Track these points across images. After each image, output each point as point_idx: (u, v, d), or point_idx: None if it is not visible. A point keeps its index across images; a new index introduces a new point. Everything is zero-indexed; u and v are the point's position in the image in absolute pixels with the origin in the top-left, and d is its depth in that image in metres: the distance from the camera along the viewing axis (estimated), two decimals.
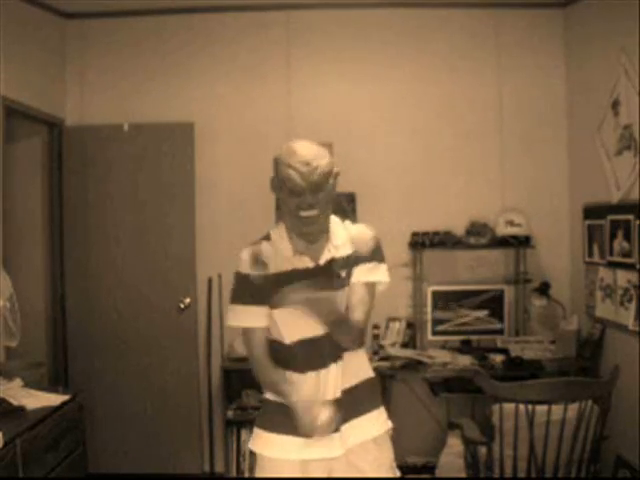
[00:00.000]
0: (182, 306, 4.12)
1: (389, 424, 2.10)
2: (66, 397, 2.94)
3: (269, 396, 2.07)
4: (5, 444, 2.33)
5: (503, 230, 4.10)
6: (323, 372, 1.99)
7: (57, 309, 4.19)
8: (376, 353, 3.95)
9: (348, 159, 4.19)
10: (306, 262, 1.99)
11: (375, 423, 2.06)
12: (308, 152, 1.90)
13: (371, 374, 2.12)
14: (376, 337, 4.09)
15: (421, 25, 4.26)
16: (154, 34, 4.29)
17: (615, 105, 3.56)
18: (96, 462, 3.94)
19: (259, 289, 1.96)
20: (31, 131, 4.10)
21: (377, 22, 4.25)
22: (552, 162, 4.25)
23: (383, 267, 2.06)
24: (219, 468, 4.20)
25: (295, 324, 1.98)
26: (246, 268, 1.99)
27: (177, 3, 4.18)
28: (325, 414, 1.90)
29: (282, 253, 2.00)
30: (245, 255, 2.01)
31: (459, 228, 4.19)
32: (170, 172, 4.16)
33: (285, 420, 1.99)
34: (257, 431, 2.08)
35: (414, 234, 4.14)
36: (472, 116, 4.25)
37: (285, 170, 1.88)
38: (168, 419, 4.15)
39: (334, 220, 2.07)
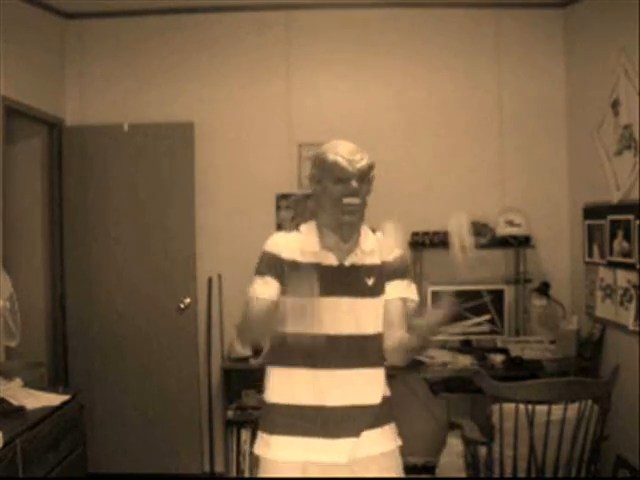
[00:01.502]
0: (182, 306, 4.12)
1: (399, 441, 2.08)
2: (66, 397, 2.94)
3: (269, 398, 2.05)
4: (5, 444, 2.33)
5: (503, 230, 4.10)
6: (324, 374, 1.97)
7: (57, 309, 4.20)
8: None
9: None
10: (331, 259, 1.99)
11: (385, 438, 2.04)
12: (353, 146, 1.99)
13: (387, 393, 2.10)
14: None
15: (421, 25, 4.26)
16: (154, 34, 4.29)
17: (615, 105, 3.56)
18: (96, 462, 3.94)
19: (280, 268, 1.96)
20: (31, 131, 4.10)
21: (377, 22, 4.25)
22: (552, 162, 4.25)
23: (414, 287, 2.09)
24: (219, 468, 4.20)
25: (301, 316, 1.95)
26: (272, 247, 2.01)
27: (177, 3, 4.18)
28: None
29: (310, 247, 2.00)
30: (276, 236, 2.06)
31: None
32: (170, 172, 4.16)
33: (287, 421, 1.98)
34: (260, 434, 2.06)
35: (414, 234, 4.14)
36: (472, 116, 4.25)
37: (332, 157, 1.94)
38: (168, 419, 4.15)
39: (365, 227, 2.08)
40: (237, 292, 2.57)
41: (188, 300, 4.13)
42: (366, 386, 2.01)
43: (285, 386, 2.02)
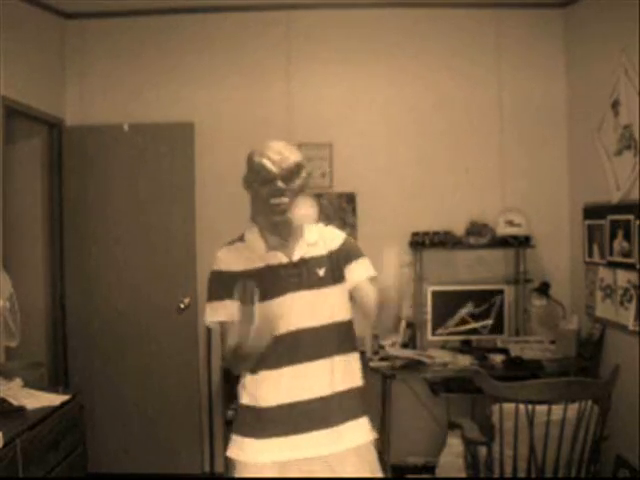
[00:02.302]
0: (182, 306, 4.10)
1: (373, 434, 2.08)
2: (66, 397, 2.94)
3: (244, 401, 2.07)
4: (5, 444, 2.33)
5: (503, 230, 4.10)
6: (288, 371, 1.98)
7: (57, 309, 4.20)
8: (376, 353, 3.94)
9: (348, 159, 4.22)
10: (279, 258, 2.02)
11: (360, 431, 2.04)
12: (280, 145, 2.00)
13: (360, 383, 2.10)
14: (376, 337, 4.09)
15: (421, 25, 4.26)
16: (154, 34, 4.29)
17: (615, 105, 3.56)
18: (96, 462, 3.93)
19: (233, 285, 1.93)
20: (31, 131, 4.10)
21: (377, 22, 4.25)
22: (552, 162, 4.25)
23: (368, 260, 2.12)
24: (219, 468, 4.20)
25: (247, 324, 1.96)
26: (222, 265, 2.04)
27: (177, 3, 4.18)
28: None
29: (256, 252, 2.03)
30: (221, 253, 2.07)
31: (459, 228, 4.19)
32: (170, 172, 4.16)
33: (260, 424, 2.00)
34: (233, 437, 2.09)
35: (414, 234, 4.14)
36: (472, 116, 4.26)
37: (258, 159, 1.97)
38: (168, 419, 4.15)
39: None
40: None
41: (188, 300, 4.12)
42: (332, 375, 2.01)
43: (253, 389, 2.04)
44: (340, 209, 4.15)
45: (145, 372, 4.15)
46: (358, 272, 2.07)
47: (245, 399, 2.07)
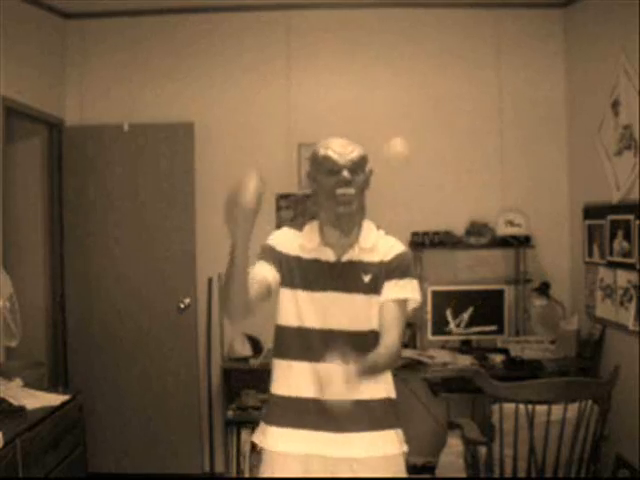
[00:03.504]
0: (182, 306, 4.12)
1: (404, 447, 2.07)
2: (66, 397, 2.94)
3: (274, 390, 2.05)
4: (5, 444, 2.33)
5: (503, 230, 4.11)
6: (321, 368, 1.92)
7: (57, 309, 4.19)
8: None
9: None
10: (329, 255, 2.00)
11: (388, 442, 2.03)
12: (345, 140, 2.00)
13: (393, 395, 2.09)
14: None
15: (421, 25, 4.26)
16: (154, 34, 4.29)
17: (615, 105, 3.56)
18: (96, 462, 3.94)
19: (277, 259, 1.99)
20: (31, 131, 4.10)
21: (377, 22, 4.25)
22: (552, 162, 4.25)
23: (415, 284, 2.03)
24: (219, 468, 4.21)
25: (301, 310, 1.99)
26: (273, 240, 2.04)
27: (177, 3, 4.18)
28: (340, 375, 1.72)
29: (309, 243, 2.02)
30: (279, 231, 2.09)
31: (459, 228, 4.19)
32: (170, 172, 4.16)
33: (289, 413, 1.99)
34: (261, 425, 2.08)
35: (414, 234, 4.14)
36: (472, 116, 4.25)
37: (323, 151, 1.96)
38: (168, 419, 4.15)
39: (368, 223, 2.08)
40: None
41: (188, 300, 4.13)
42: (364, 383, 1.98)
43: (286, 378, 2.03)
44: None
45: (145, 372, 4.15)
46: (390, 291, 1.98)
47: (275, 388, 2.05)
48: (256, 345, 4.06)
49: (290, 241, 2.04)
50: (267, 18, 4.27)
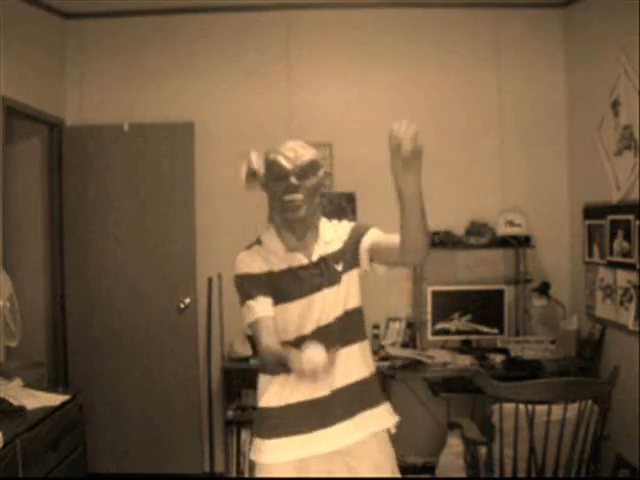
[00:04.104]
0: (182, 306, 4.11)
1: (396, 418, 2.10)
2: (66, 397, 2.94)
3: (264, 404, 2.05)
4: (5, 444, 2.33)
5: (503, 230, 4.11)
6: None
7: (57, 309, 4.19)
8: (376, 353, 3.94)
9: (348, 159, 4.22)
10: (300, 259, 2.01)
11: (379, 418, 2.07)
12: (296, 144, 2.00)
13: (373, 369, 2.12)
14: (376, 337, 4.09)
15: (421, 25, 4.26)
16: (154, 34, 4.29)
17: (615, 105, 3.56)
18: (96, 462, 3.94)
19: (262, 283, 1.98)
20: (31, 131, 4.10)
21: (377, 22, 4.25)
22: (552, 162, 4.25)
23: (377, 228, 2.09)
24: (219, 468, 4.21)
25: (292, 321, 1.99)
26: (244, 268, 2.02)
27: (177, 3, 4.18)
28: (320, 355, 1.73)
29: (275, 253, 2.02)
30: (242, 257, 2.06)
31: (459, 228, 4.19)
32: (170, 172, 4.16)
33: (280, 423, 2.00)
34: (255, 441, 2.07)
35: None
36: (472, 116, 4.25)
37: (273, 156, 1.97)
38: (168, 419, 4.15)
39: (322, 220, 2.10)
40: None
41: (188, 300, 4.13)
42: (351, 364, 2.03)
43: (274, 390, 2.03)
44: (340, 209, 4.15)
45: (145, 372, 4.15)
46: (372, 236, 2.03)
47: (264, 402, 2.05)
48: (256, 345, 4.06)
49: (255, 262, 2.02)
50: (267, 18, 4.26)
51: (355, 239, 2.05)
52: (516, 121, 4.24)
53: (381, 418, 2.07)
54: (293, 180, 1.93)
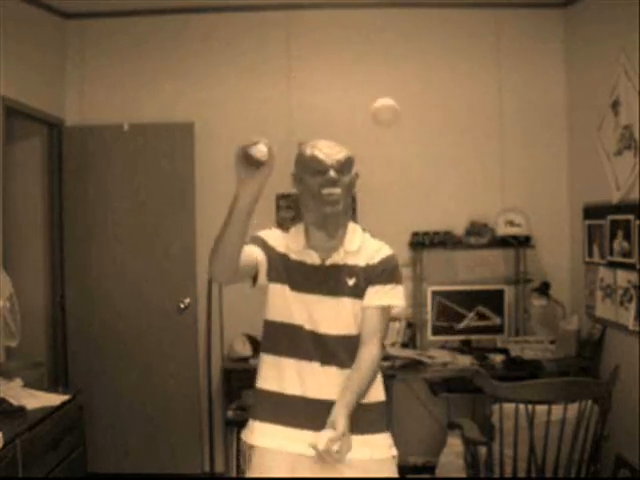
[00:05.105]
0: (182, 306, 4.12)
1: (394, 451, 2.02)
2: (66, 397, 2.94)
3: (261, 385, 2.04)
4: (5, 444, 2.33)
5: (503, 230, 4.11)
6: (306, 365, 1.96)
7: (57, 309, 4.19)
8: None
9: None
10: (313, 258, 2.00)
11: (377, 446, 1.98)
12: (332, 142, 2.01)
13: (382, 398, 2.05)
14: None
15: (421, 25, 4.26)
16: (154, 34, 4.29)
17: (615, 105, 3.56)
18: (96, 462, 3.94)
19: (268, 250, 1.99)
20: (31, 131, 4.10)
21: (377, 22, 4.25)
22: (552, 162, 4.25)
23: (400, 289, 2.03)
24: (219, 468, 4.20)
25: (292, 306, 1.98)
26: (263, 235, 2.05)
27: (177, 3, 4.18)
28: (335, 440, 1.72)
29: (294, 246, 2.02)
30: (268, 230, 2.10)
31: (459, 228, 4.19)
32: (170, 172, 4.16)
33: (275, 409, 1.98)
34: (250, 422, 2.06)
35: (414, 234, 4.14)
36: (472, 116, 4.25)
37: (310, 151, 1.97)
38: (168, 419, 4.15)
39: (353, 226, 2.06)
40: (237, 292, 2.58)
41: (188, 300, 4.13)
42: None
43: (272, 373, 2.02)
44: None
45: (145, 372, 4.15)
46: (374, 296, 1.98)
47: (262, 383, 2.04)
48: (256, 345, 4.06)
49: (278, 239, 2.04)
50: (267, 18, 4.26)
51: (376, 278, 1.98)
52: (516, 121, 4.24)
53: (376, 446, 1.98)
54: (332, 174, 1.92)
